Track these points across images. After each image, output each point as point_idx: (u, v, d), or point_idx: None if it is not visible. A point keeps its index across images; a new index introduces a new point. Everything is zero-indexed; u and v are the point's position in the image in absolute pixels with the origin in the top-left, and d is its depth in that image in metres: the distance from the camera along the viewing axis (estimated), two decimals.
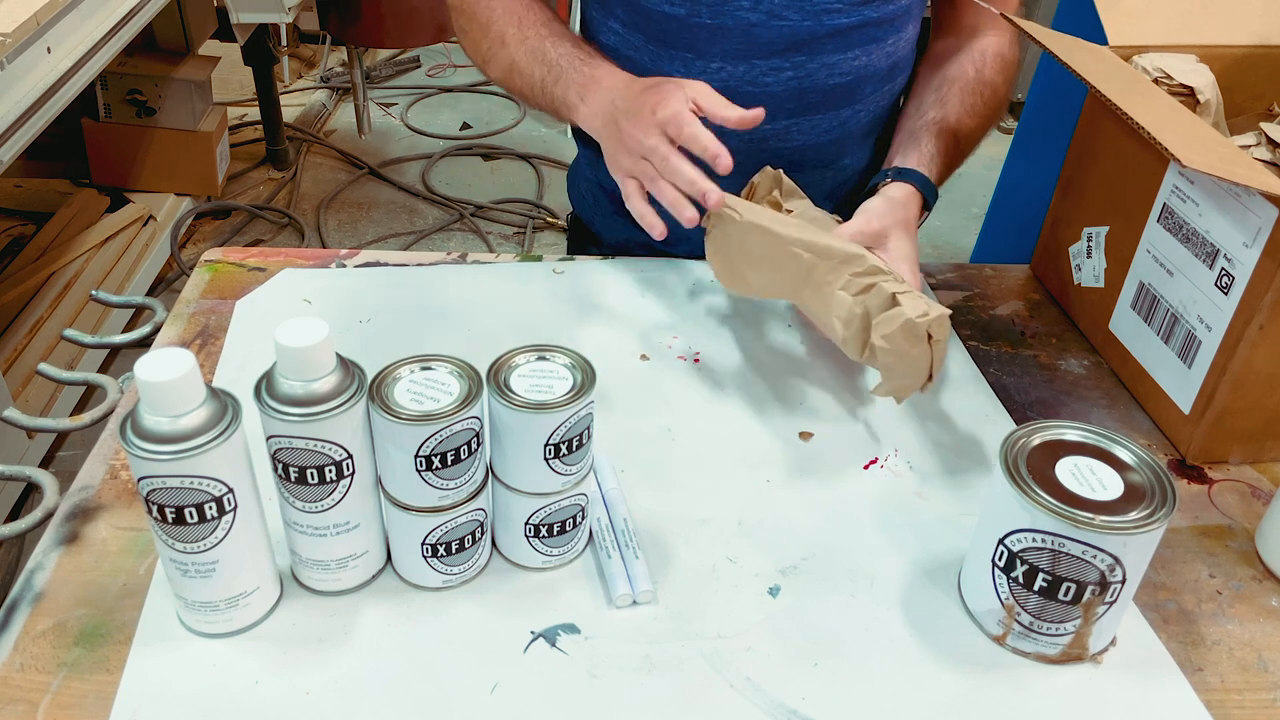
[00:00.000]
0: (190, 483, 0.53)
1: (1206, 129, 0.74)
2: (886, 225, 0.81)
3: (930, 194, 0.87)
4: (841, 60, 0.89)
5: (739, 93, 0.89)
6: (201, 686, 0.57)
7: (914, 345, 0.71)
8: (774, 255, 0.77)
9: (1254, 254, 0.69)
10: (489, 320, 0.89)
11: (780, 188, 0.87)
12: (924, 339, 0.71)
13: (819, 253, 0.75)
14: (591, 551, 0.67)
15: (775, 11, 0.86)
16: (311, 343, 0.54)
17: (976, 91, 0.92)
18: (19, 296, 2.14)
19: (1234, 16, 0.90)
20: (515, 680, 0.59)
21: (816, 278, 0.76)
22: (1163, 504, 0.57)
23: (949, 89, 0.92)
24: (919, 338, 0.71)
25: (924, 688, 0.60)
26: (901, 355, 0.71)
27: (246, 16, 2.41)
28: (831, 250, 0.75)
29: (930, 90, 0.93)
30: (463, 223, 2.87)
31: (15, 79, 1.56)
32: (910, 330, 0.70)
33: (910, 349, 0.71)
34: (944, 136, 0.89)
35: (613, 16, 0.92)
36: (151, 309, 0.90)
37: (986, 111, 0.93)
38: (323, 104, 3.45)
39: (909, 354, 0.71)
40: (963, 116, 0.91)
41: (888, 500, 0.72)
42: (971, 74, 0.93)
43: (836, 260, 0.75)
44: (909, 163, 0.87)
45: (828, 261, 0.75)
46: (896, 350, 0.71)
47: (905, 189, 0.85)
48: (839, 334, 0.75)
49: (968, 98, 0.91)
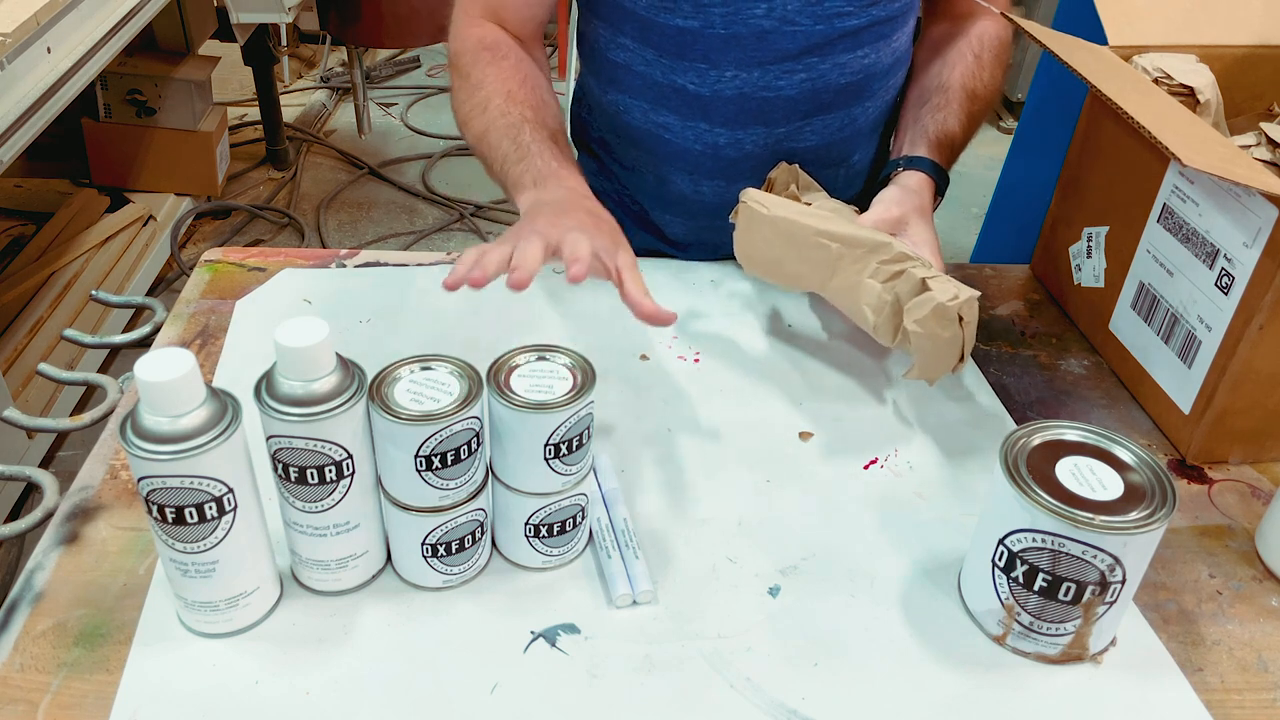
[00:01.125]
0: (190, 483, 0.53)
1: (1206, 129, 0.74)
2: (906, 211, 0.82)
3: (942, 180, 0.88)
4: (852, 59, 0.90)
5: (753, 98, 0.89)
6: (201, 686, 0.57)
7: (946, 328, 0.73)
8: (801, 247, 0.78)
9: (1254, 254, 0.69)
10: (489, 320, 0.89)
11: (798, 181, 0.88)
12: (955, 321, 0.73)
13: (845, 242, 0.76)
14: (591, 551, 0.67)
15: (788, 18, 0.85)
16: (311, 343, 0.54)
17: (976, 73, 0.93)
18: (19, 296, 2.14)
19: (1234, 16, 0.90)
20: (515, 680, 0.59)
21: (844, 267, 0.77)
22: (1163, 504, 0.57)
23: (949, 69, 0.93)
24: (950, 320, 0.72)
25: (924, 688, 0.60)
26: (934, 339, 0.73)
27: (246, 16, 2.41)
28: (858, 239, 0.76)
29: (932, 77, 0.94)
30: (463, 223, 2.87)
31: (15, 79, 1.56)
32: (942, 314, 0.72)
33: (942, 332, 0.73)
34: (949, 123, 0.90)
35: (623, 34, 0.91)
36: (151, 309, 0.90)
37: (987, 94, 0.94)
38: (323, 104, 3.45)
39: (941, 337, 0.73)
40: (964, 100, 0.92)
41: (888, 500, 0.72)
42: (970, 58, 0.93)
43: (864, 249, 0.76)
44: (918, 150, 0.88)
45: (855, 250, 0.76)
46: (929, 334, 0.73)
47: (918, 176, 0.86)
48: (870, 321, 0.76)
49: (969, 82, 0.92)
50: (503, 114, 0.86)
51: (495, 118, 0.87)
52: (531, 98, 0.88)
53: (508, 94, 0.87)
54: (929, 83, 0.94)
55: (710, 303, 0.93)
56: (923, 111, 0.92)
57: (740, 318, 0.91)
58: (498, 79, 0.89)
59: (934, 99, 0.92)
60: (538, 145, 0.84)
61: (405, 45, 3.41)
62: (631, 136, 0.97)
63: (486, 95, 0.88)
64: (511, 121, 0.86)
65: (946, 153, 0.90)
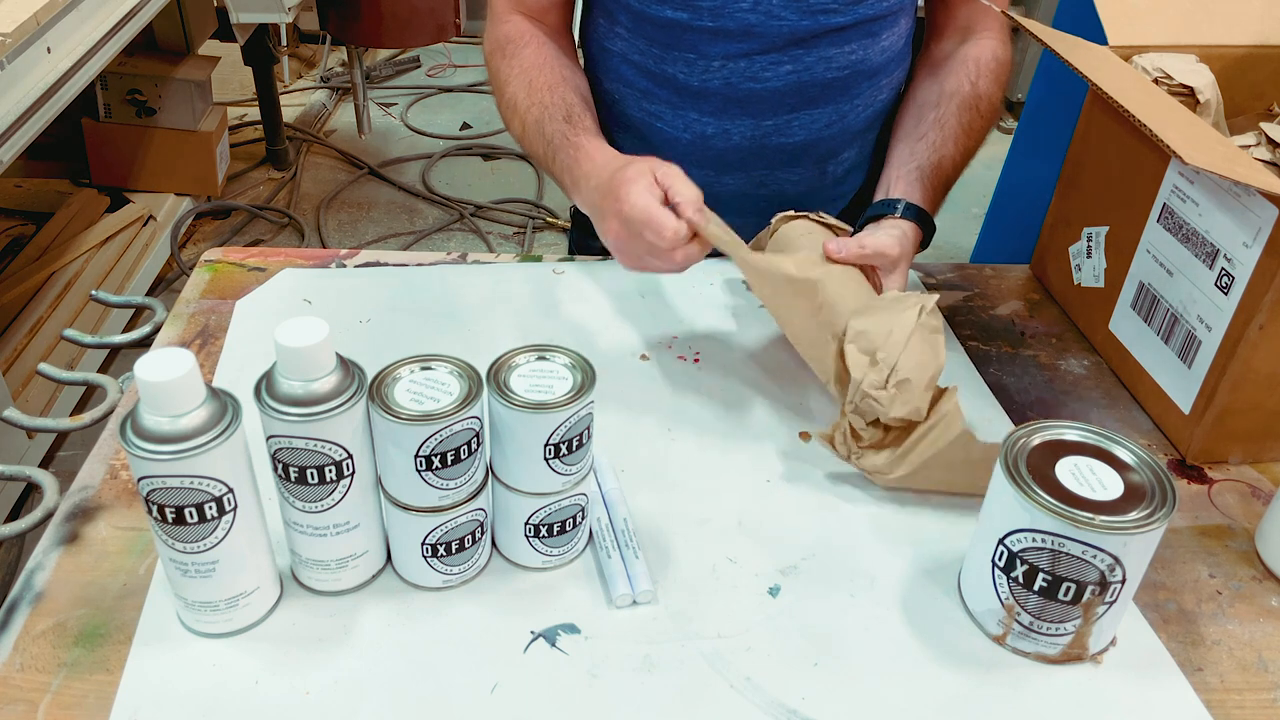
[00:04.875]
0: (190, 483, 0.53)
1: (1207, 129, 0.74)
2: (899, 257, 0.81)
3: (929, 231, 0.87)
4: (839, 54, 0.91)
5: (740, 88, 0.91)
6: (201, 686, 0.57)
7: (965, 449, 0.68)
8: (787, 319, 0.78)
9: (1254, 254, 0.69)
10: (489, 320, 0.89)
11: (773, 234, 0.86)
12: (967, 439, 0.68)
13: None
14: (591, 551, 0.67)
15: (774, 12, 0.88)
16: (311, 343, 0.54)
17: (974, 106, 0.92)
18: (19, 296, 2.14)
19: (1234, 16, 0.90)
20: (515, 680, 0.59)
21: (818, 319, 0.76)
22: (1163, 504, 0.57)
23: (947, 105, 0.92)
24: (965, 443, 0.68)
25: (924, 688, 0.60)
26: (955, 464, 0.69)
27: (246, 16, 2.41)
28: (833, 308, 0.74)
29: (929, 108, 0.93)
30: (463, 223, 2.87)
31: (15, 79, 1.56)
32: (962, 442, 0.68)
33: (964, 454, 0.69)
34: (942, 167, 0.89)
35: (618, 24, 0.95)
36: (151, 309, 0.90)
37: (983, 124, 0.94)
38: (323, 104, 3.45)
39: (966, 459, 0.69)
40: (959, 136, 0.91)
41: (888, 500, 0.72)
42: (967, 87, 0.93)
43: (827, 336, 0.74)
44: (914, 198, 0.87)
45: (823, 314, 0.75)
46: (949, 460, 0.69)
47: (910, 227, 0.85)
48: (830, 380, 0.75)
49: (965, 114, 0.92)
50: (527, 110, 0.90)
51: (524, 114, 0.90)
52: (547, 79, 0.90)
53: (529, 85, 0.91)
54: (926, 113, 0.93)
55: (710, 303, 0.93)
56: (919, 146, 0.91)
57: (740, 318, 0.91)
58: (518, 74, 0.92)
59: (931, 135, 0.91)
60: (559, 137, 0.87)
61: (405, 45, 3.41)
62: (627, 125, 0.99)
63: (513, 93, 0.92)
64: (535, 118, 0.89)
65: (940, 193, 0.89)
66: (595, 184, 0.81)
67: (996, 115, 0.96)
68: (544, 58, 0.92)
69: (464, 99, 3.57)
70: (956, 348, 0.89)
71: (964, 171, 0.94)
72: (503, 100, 0.93)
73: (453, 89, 3.62)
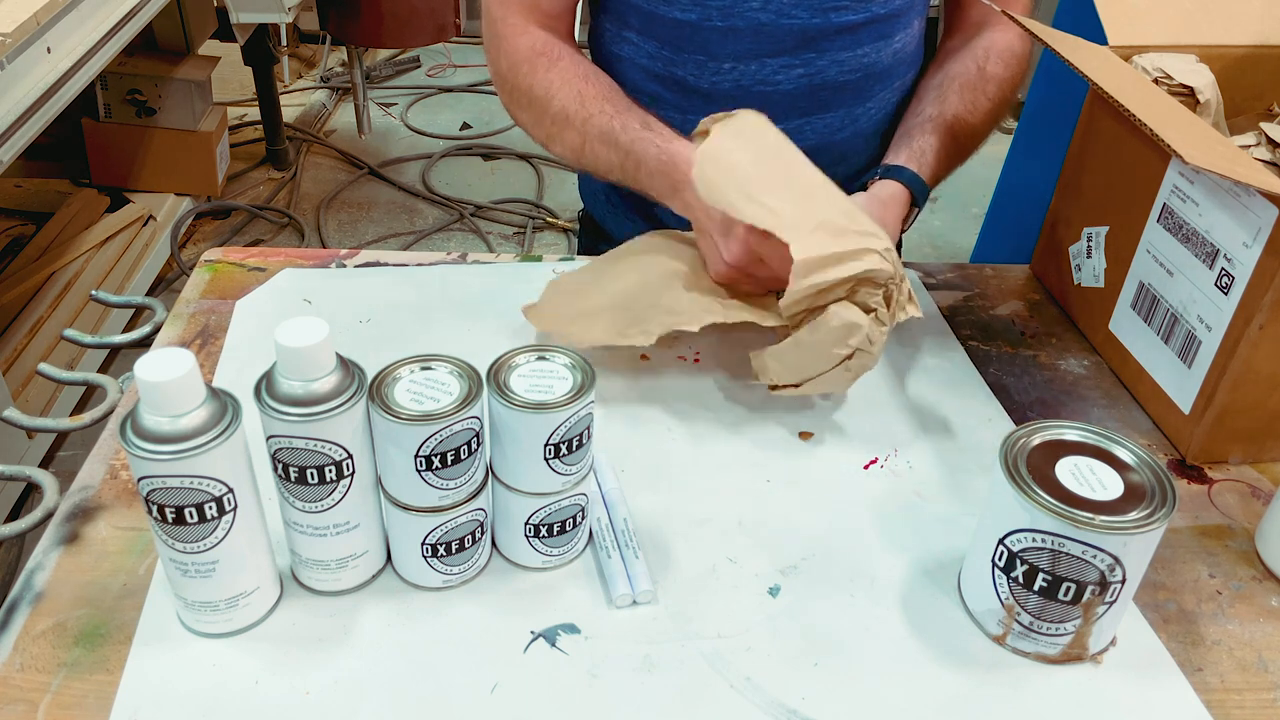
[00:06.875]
0: (190, 483, 0.53)
1: (1207, 129, 0.74)
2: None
3: (920, 191, 0.87)
4: (851, 57, 0.90)
5: (751, 92, 0.90)
6: (201, 686, 0.57)
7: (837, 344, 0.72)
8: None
9: (1254, 254, 0.69)
10: (489, 320, 0.88)
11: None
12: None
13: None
14: (591, 551, 0.67)
15: (784, 11, 0.86)
16: (311, 343, 0.54)
17: (978, 87, 0.92)
18: (19, 296, 2.14)
19: (1234, 16, 0.90)
20: (515, 680, 0.59)
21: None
22: (1163, 504, 0.57)
23: (949, 85, 0.92)
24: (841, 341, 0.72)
25: (924, 688, 0.60)
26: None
27: (246, 16, 2.41)
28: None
29: (931, 88, 0.93)
30: (463, 223, 2.88)
31: (15, 79, 1.56)
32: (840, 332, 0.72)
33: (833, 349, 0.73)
34: (940, 133, 0.89)
35: (627, 27, 0.93)
36: (151, 309, 0.90)
37: (990, 106, 0.93)
38: (323, 104, 3.45)
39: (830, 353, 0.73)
40: (961, 113, 0.91)
41: (888, 500, 0.72)
42: (974, 69, 0.92)
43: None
44: (899, 159, 0.87)
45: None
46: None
47: (893, 186, 0.85)
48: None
49: (968, 93, 0.91)
50: (586, 120, 0.86)
51: (582, 127, 0.86)
52: (600, 90, 0.87)
53: (580, 97, 0.87)
54: (927, 93, 0.93)
55: None
56: (914, 121, 0.91)
57: None
58: (562, 85, 0.88)
59: (928, 109, 0.91)
60: (640, 143, 0.83)
61: (405, 45, 3.41)
62: None
63: (561, 107, 0.87)
64: (600, 127, 0.85)
65: (932, 165, 0.88)
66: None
67: (1006, 98, 0.95)
68: (585, 68, 0.89)
69: (464, 99, 3.57)
70: (957, 348, 0.89)
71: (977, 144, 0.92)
72: (546, 114, 0.88)
73: (453, 89, 3.62)
